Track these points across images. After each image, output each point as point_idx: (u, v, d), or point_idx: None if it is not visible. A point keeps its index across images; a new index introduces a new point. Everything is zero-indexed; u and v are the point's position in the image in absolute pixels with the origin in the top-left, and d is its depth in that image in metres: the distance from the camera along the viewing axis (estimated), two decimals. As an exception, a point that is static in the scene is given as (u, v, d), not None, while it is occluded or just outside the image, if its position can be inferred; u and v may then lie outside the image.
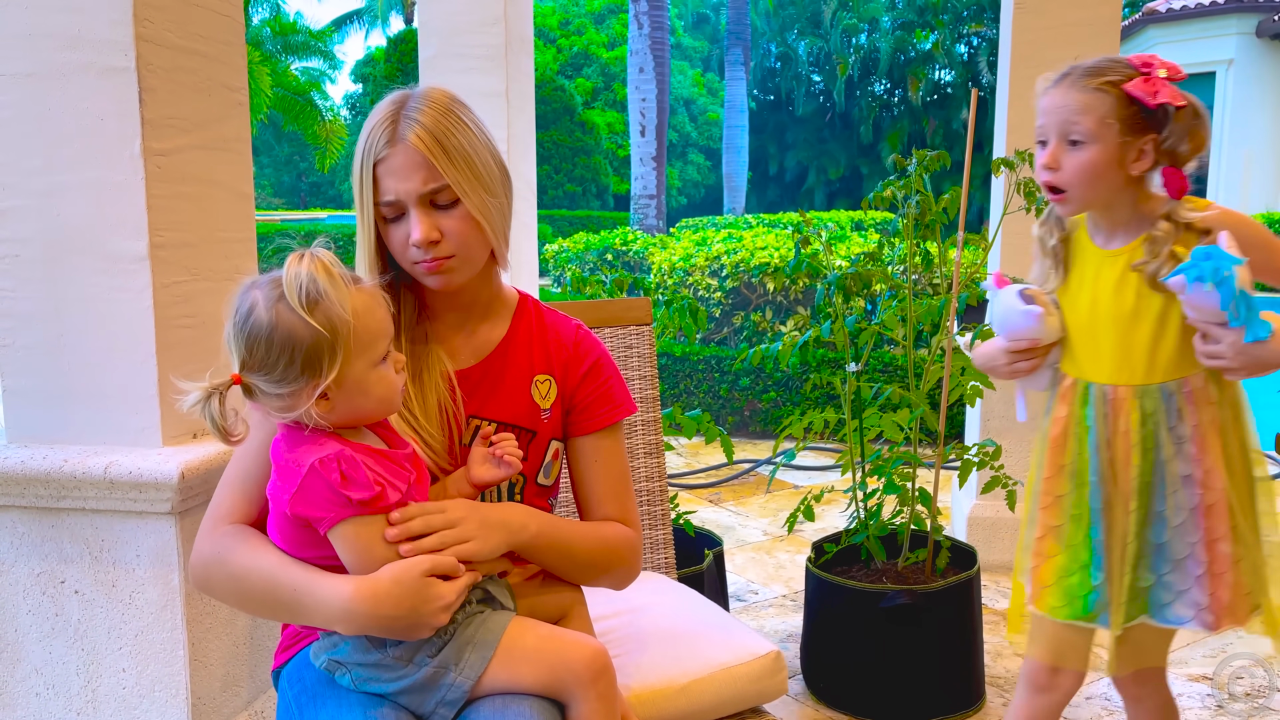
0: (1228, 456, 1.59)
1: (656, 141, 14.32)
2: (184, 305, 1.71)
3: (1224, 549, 1.58)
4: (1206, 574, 1.58)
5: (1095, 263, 1.63)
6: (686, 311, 2.61)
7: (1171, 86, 1.53)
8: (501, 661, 1.16)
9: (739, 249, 5.66)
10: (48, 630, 1.71)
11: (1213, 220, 1.55)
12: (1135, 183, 1.56)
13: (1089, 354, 1.64)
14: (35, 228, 1.66)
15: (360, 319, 1.12)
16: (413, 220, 1.24)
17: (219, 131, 1.80)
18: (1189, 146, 1.53)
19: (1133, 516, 1.60)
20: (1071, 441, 1.67)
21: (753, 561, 3.55)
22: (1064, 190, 1.56)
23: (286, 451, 1.13)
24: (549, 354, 1.40)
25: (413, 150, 1.22)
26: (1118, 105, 1.51)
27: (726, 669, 1.46)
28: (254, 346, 1.10)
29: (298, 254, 1.12)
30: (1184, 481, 1.58)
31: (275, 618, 1.26)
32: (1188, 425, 1.58)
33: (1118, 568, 1.62)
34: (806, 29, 29.66)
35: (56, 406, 1.70)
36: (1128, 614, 1.62)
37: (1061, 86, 1.57)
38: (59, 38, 1.62)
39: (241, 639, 1.81)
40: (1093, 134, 1.52)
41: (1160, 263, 1.53)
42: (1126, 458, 1.60)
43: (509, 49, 3.52)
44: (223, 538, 1.21)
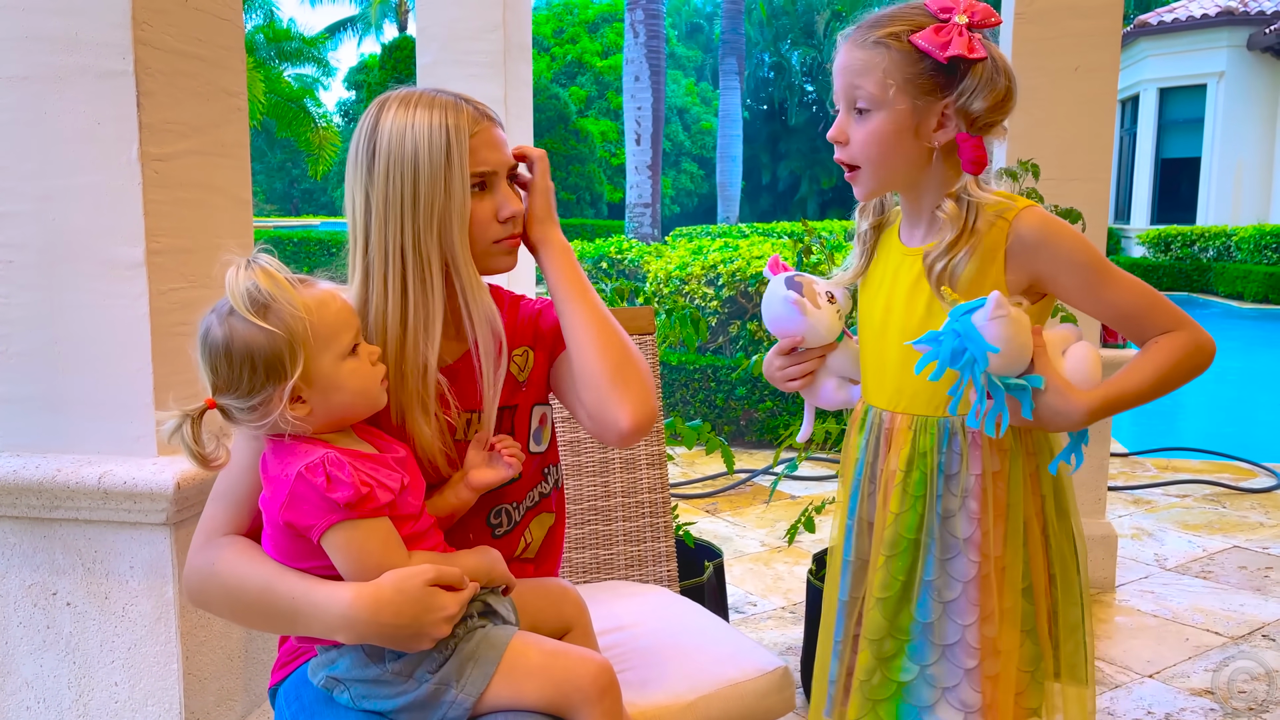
0: (1022, 519, 1.30)
1: (652, 150, 14.33)
2: (181, 312, 1.69)
3: (987, 632, 1.28)
4: (979, 668, 1.28)
5: (896, 260, 1.37)
6: (688, 321, 2.59)
7: (971, 35, 1.23)
8: (504, 677, 1.14)
9: (735, 258, 5.65)
10: (39, 643, 1.68)
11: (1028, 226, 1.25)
12: (943, 158, 1.29)
13: (874, 370, 1.38)
14: (31, 233, 1.63)
15: (315, 314, 1.11)
16: (503, 194, 1.26)
17: (217, 137, 1.78)
18: (984, 104, 1.23)
19: (879, 574, 1.31)
20: (846, 478, 1.41)
21: (751, 573, 3.53)
22: (857, 166, 1.31)
23: (274, 463, 1.13)
24: (519, 325, 1.38)
25: (496, 128, 1.27)
26: (904, 62, 1.24)
27: (734, 685, 1.44)
28: (217, 365, 1.11)
29: (235, 265, 1.11)
30: (962, 546, 1.28)
31: (272, 629, 1.24)
32: (969, 474, 1.29)
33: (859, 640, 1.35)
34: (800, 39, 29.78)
35: (50, 415, 1.67)
36: (862, 706, 1.33)
37: (847, 43, 1.31)
38: (56, 41, 1.59)
39: (236, 653, 1.78)
40: (875, 99, 1.26)
41: (943, 256, 1.26)
42: (886, 502, 1.32)
43: (507, 56, 3.50)
44: (216, 550, 1.19)
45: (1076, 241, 1.28)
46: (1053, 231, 1.27)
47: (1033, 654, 1.32)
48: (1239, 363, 9.80)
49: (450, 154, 1.20)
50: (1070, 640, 1.34)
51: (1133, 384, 1.26)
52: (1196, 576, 3.47)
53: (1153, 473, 4.88)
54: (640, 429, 1.24)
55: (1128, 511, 4.24)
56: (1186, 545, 3.80)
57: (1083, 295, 1.28)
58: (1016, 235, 1.26)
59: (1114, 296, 1.28)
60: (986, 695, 1.29)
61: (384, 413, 1.23)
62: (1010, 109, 1.27)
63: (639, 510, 1.92)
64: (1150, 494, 4.52)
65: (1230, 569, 3.54)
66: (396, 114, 1.22)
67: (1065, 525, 1.35)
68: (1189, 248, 15.72)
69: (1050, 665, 1.34)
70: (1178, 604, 3.21)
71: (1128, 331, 1.31)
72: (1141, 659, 2.79)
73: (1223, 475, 4.79)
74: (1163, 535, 3.92)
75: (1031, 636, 1.32)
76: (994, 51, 1.26)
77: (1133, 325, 1.30)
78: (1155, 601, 3.23)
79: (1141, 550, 3.74)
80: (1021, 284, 1.29)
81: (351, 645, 1.15)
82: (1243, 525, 4.05)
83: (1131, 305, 1.28)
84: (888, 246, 1.40)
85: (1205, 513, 4.23)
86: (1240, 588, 3.35)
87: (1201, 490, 4.57)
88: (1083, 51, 2.98)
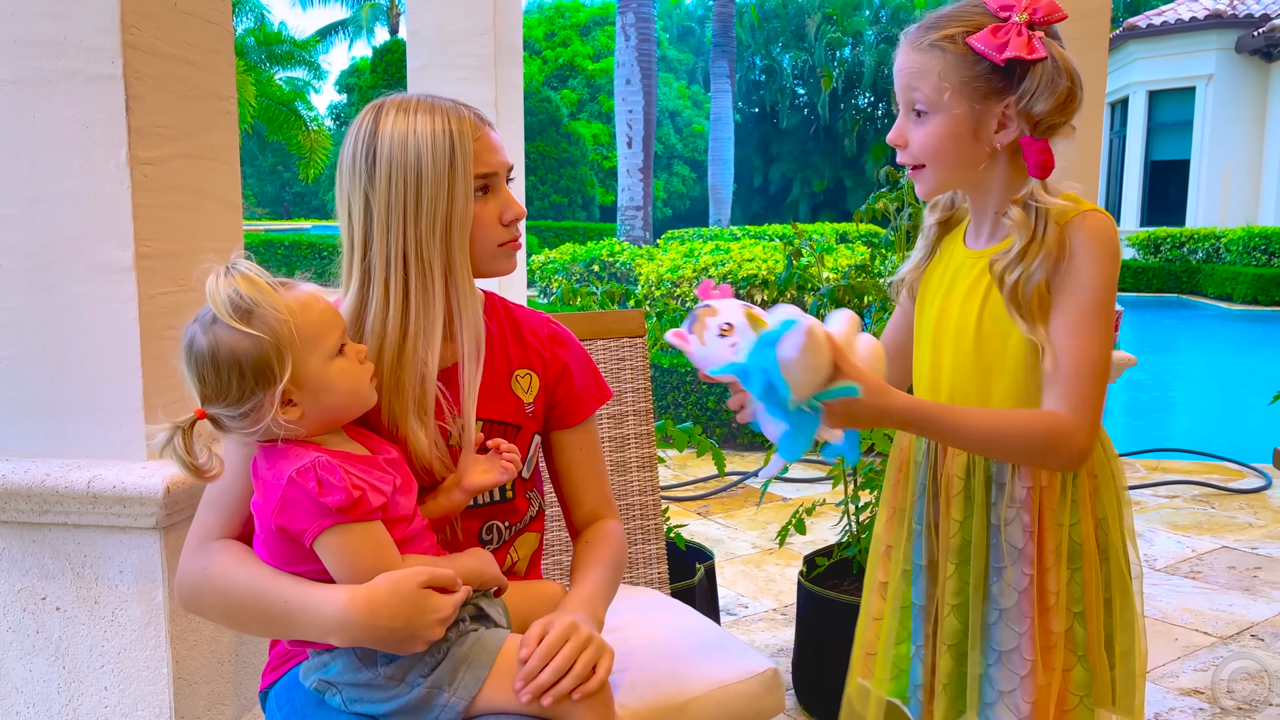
0: (1078, 538, 1.28)
1: (643, 153, 14.35)
2: (170, 316, 1.69)
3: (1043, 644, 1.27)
4: (1031, 675, 1.27)
5: (958, 262, 1.34)
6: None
7: (1029, 35, 1.19)
8: (497, 681, 1.14)
9: (727, 260, 5.66)
10: (28, 648, 1.67)
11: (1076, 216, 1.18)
12: (1008, 159, 1.25)
13: (928, 372, 1.36)
14: (19, 237, 1.63)
15: (299, 315, 1.10)
16: (504, 196, 1.29)
17: (207, 140, 1.77)
18: (1047, 106, 1.19)
19: (950, 582, 1.32)
20: (906, 481, 1.40)
21: (742, 575, 3.53)
22: (920, 165, 1.29)
23: (265, 467, 1.12)
24: (525, 348, 1.39)
25: (494, 131, 1.29)
26: (960, 64, 1.21)
27: (724, 687, 1.44)
28: (204, 374, 1.10)
29: (215, 272, 1.11)
30: (1017, 556, 1.27)
31: (266, 633, 1.23)
32: (1021, 485, 1.27)
33: (937, 645, 1.35)
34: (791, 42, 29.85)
35: (39, 419, 1.66)
36: (948, 708, 1.33)
37: (905, 44, 1.28)
38: (45, 44, 1.59)
39: (226, 656, 1.78)
40: (931, 102, 1.23)
41: (1014, 266, 1.21)
42: (949, 508, 1.32)
43: (498, 60, 3.51)
44: (208, 554, 1.19)
45: (1096, 268, 1.20)
46: (1088, 245, 1.20)
47: (1083, 679, 1.29)
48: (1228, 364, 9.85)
49: (454, 159, 1.21)
50: (1123, 667, 1.32)
51: (962, 419, 1.21)
52: (1185, 577, 3.48)
53: (1142, 473, 4.90)
54: None
55: (1118, 512, 4.25)
56: (1176, 546, 3.82)
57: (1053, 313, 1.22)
58: (1070, 238, 1.21)
59: (1063, 340, 1.21)
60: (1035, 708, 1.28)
61: (374, 413, 1.23)
62: (1075, 109, 1.23)
63: (630, 513, 1.93)
64: (1140, 495, 4.54)
65: (1219, 569, 3.55)
66: (396, 119, 1.22)
67: (1123, 549, 1.32)
68: (1178, 249, 15.80)
69: (1106, 692, 1.30)
70: (1167, 604, 3.22)
71: (1043, 374, 1.23)
72: (1131, 659, 2.80)
73: (1212, 476, 4.81)
74: (1152, 536, 3.94)
75: (1084, 662, 1.29)
76: (1055, 51, 1.21)
77: (1047, 374, 1.23)
78: (1145, 602, 3.24)
79: (1131, 551, 3.75)
80: None
81: (344, 649, 1.15)
82: (1231, 526, 4.07)
83: (1061, 360, 1.20)
84: (952, 246, 1.37)
85: (1194, 513, 4.25)
86: (1229, 588, 3.37)
87: (1190, 491, 4.59)
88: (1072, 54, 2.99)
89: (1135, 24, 18.52)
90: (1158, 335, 11.64)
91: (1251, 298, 13.47)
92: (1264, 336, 11.52)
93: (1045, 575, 1.27)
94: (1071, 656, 1.28)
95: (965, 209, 1.39)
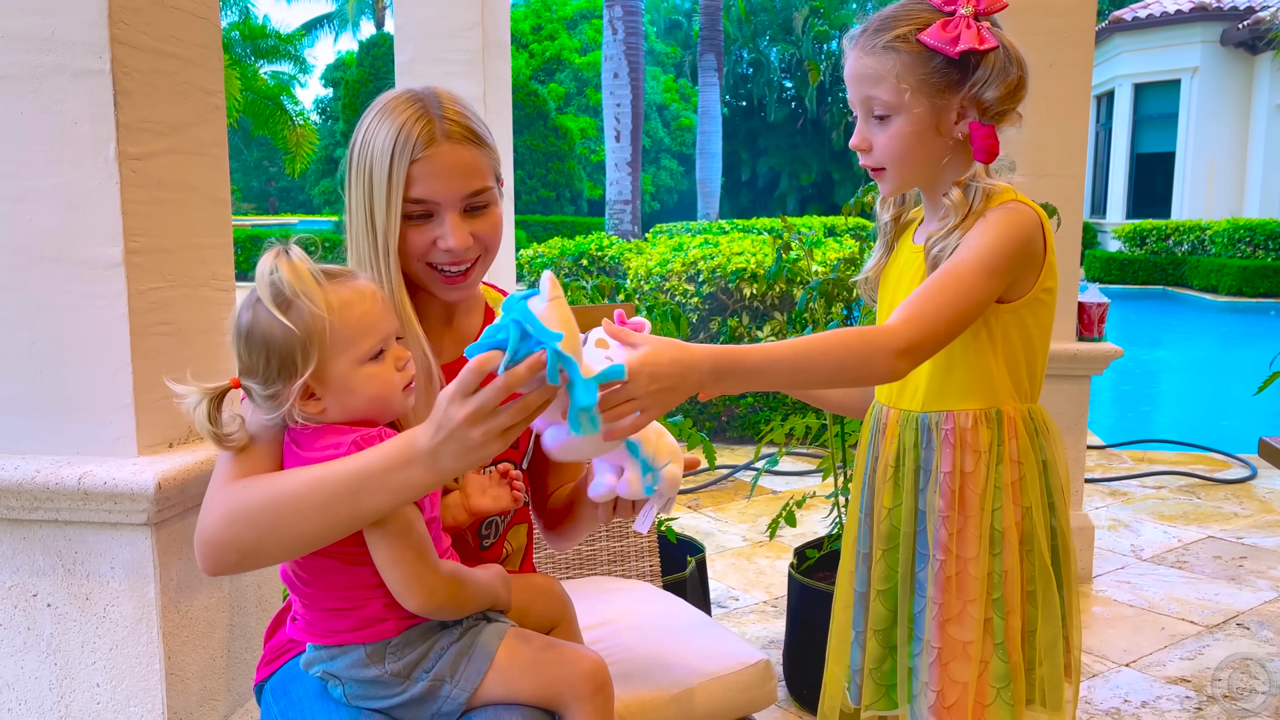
0: (999, 526, 1.27)
1: (631, 147, 14.33)
2: (160, 312, 1.68)
3: (959, 635, 1.26)
4: (936, 663, 1.28)
5: (905, 258, 1.36)
6: (669, 317, 2.60)
7: (978, 27, 1.21)
8: (498, 673, 1.15)
9: (716, 255, 5.66)
10: (19, 645, 1.67)
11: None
12: (959, 149, 1.27)
13: None
14: (6, 233, 1.62)
15: (337, 314, 1.09)
16: (447, 226, 1.21)
17: (195, 136, 1.77)
18: (997, 93, 1.22)
19: (878, 568, 1.32)
20: (858, 470, 1.42)
21: (733, 567, 3.55)
22: (883, 168, 1.30)
23: (311, 441, 1.12)
24: None
25: (458, 151, 1.20)
26: (915, 62, 1.22)
27: (716, 678, 1.45)
28: (239, 349, 1.11)
29: (270, 252, 1.10)
30: (938, 544, 1.28)
31: (324, 521, 1.07)
32: (940, 471, 1.28)
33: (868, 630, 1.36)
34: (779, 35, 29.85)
35: (28, 416, 1.66)
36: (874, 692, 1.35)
37: (854, 49, 1.28)
38: (32, 39, 1.58)
39: (219, 652, 1.78)
40: (891, 104, 1.24)
41: (941, 240, 1.23)
42: (878, 495, 1.34)
43: (486, 54, 3.50)
44: (243, 481, 1.11)
45: (981, 235, 1.21)
46: (985, 220, 1.22)
47: (1000, 672, 1.27)
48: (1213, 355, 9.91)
49: (391, 174, 1.18)
50: (1046, 662, 1.31)
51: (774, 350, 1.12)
52: (1172, 566, 3.51)
53: (1129, 464, 4.94)
54: None
55: (1104, 503, 4.28)
56: (1162, 536, 3.85)
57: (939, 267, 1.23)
58: (986, 214, 1.23)
59: (927, 283, 1.21)
60: (951, 698, 1.27)
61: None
62: (1023, 96, 1.25)
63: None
64: (1126, 485, 4.57)
65: (1205, 559, 3.59)
66: (372, 120, 1.22)
67: (1047, 541, 1.30)
68: (1164, 242, 15.88)
69: (1021, 689, 1.28)
70: (1153, 594, 3.25)
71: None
72: (1118, 648, 2.83)
73: (1198, 467, 4.85)
74: (1139, 526, 3.97)
75: (999, 653, 1.28)
76: (1004, 39, 1.24)
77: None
78: (1131, 591, 3.28)
79: (1118, 541, 3.79)
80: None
81: (354, 645, 1.14)
82: (1217, 516, 4.10)
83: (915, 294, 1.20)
84: (904, 243, 1.39)
85: (1180, 504, 4.28)
86: (1215, 577, 3.40)
87: (1177, 481, 4.62)
88: (1056, 48, 3.01)
89: (1120, 17, 18.59)
90: (1143, 327, 11.71)
91: (1237, 289, 13.55)
92: (1249, 328, 11.59)
93: (968, 562, 1.26)
94: (990, 647, 1.27)
95: (916, 207, 1.41)
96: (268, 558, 1.11)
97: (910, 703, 1.33)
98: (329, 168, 21.98)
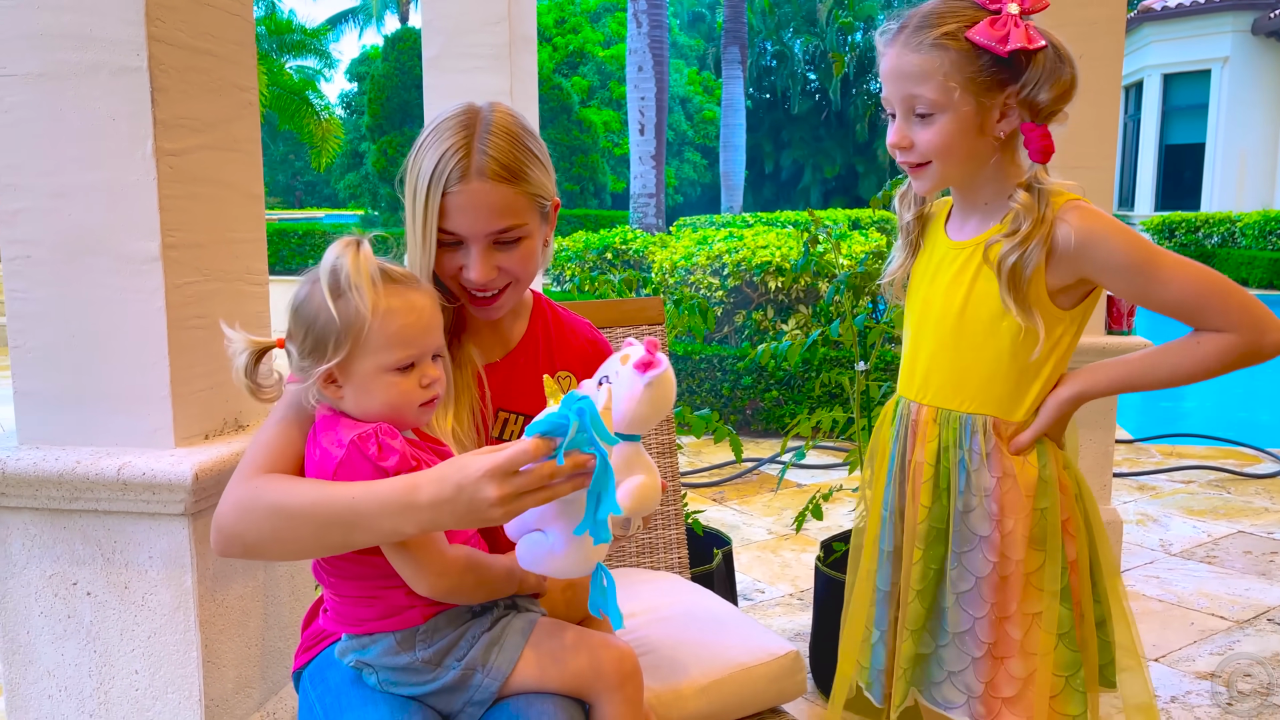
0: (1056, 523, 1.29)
1: (656, 140, 14.31)
2: (195, 306, 1.71)
3: (1013, 633, 1.28)
4: (987, 658, 1.29)
5: (940, 254, 1.36)
6: (696, 311, 2.61)
7: (1026, 25, 1.21)
8: (530, 662, 1.16)
9: (740, 248, 5.65)
10: (60, 632, 1.70)
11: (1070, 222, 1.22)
12: (1000, 149, 1.28)
13: (907, 362, 1.39)
14: (47, 229, 1.65)
15: (381, 319, 1.11)
16: (472, 259, 1.24)
17: (230, 132, 1.79)
18: (1050, 94, 1.22)
19: (917, 568, 1.33)
20: (881, 468, 1.41)
21: (758, 560, 3.55)
22: (924, 163, 1.28)
23: (326, 433, 1.14)
24: (568, 352, 1.42)
25: (489, 190, 1.21)
26: (963, 61, 1.21)
27: (746, 669, 1.46)
28: (290, 315, 1.15)
29: (344, 240, 1.14)
30: (979, 543, 1.29)
31: (318, 543, 1.11)
32: (990, 475, 1.28)
33: (898, 630, 1.36)
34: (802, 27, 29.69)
35: (68, 408, 1.69)
36: (904, 690, 1.35)
37: (894, 46, 1.26)
38: (71, 38, 1.61)
39: (254, 640, 1.80)
40: (938, 103, 1.22)
41: (1017, 249, 1.23)
42: (916, 495, 1.33)
43: (513, 48, 3.51)
44: (259, 478, 1.15)
45: (1117, 243, 1.23)
46: (1092, 233, 1.23)
47: (1067, 660, 1.28)
48: (1244, 349, 9.77)
49: (428, 201, 1.21)
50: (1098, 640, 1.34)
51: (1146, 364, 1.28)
52: (1201, 561, 3.49)
53: (1157, 459, 4.89)
54: None
55: (1133, 498, 4.25)
56: (1191, 531, 3.82)
57: (1130, 295, 1.28)
58: (1058, 234, 1.23)
59: (1161, 296, 1.25)
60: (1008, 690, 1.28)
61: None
62: (1074, 95, 1.24)
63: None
64: (1155, 480, 4.53)
65: (1235, 554, 3.55)
66: (427, 136, 1.25)
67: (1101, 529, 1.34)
68: (1194, 234, 15.68)
69: (1093, 675, 1.31)
70: (1183, 589, 3.23)
71: (1187, 324, 1.28)
72: (1147, 643, 2.81)
73: (1227, 461, 4.80)
74: (1168, 521, 3.94)
75: (1066, 641, 1.29)
76: (1052, 38, 1.23)
77: (1187, 322, 1.27)
78: (1160, 586, 3.25)
79: (1147, 536, 3.76)
80: (1065, 281, 1.26)
81: (383, 634, 1.16)
82: (1247, 510, 4.06)
83: (1178, 304, 1.24)
84: (933, 239, 1.38)
85: (1210, 498, 4.24)
86: (1245, 572, 3.37)
87: (1206, 476, 4.58)
88: (1087, 40, 2.98)
89: (1150, 6, 18.36)
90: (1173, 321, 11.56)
91: (1268, 282, 13.37)
92: (1280, 321, 11.42)
93: (1020, 562, 1.28)
94: (1051, 638, 1.28)
95: (939, 203, 1.40)
96: (270, 556, 1.17)
97: (927, 690, 1.34)
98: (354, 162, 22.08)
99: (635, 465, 1.12)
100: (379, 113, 18.41)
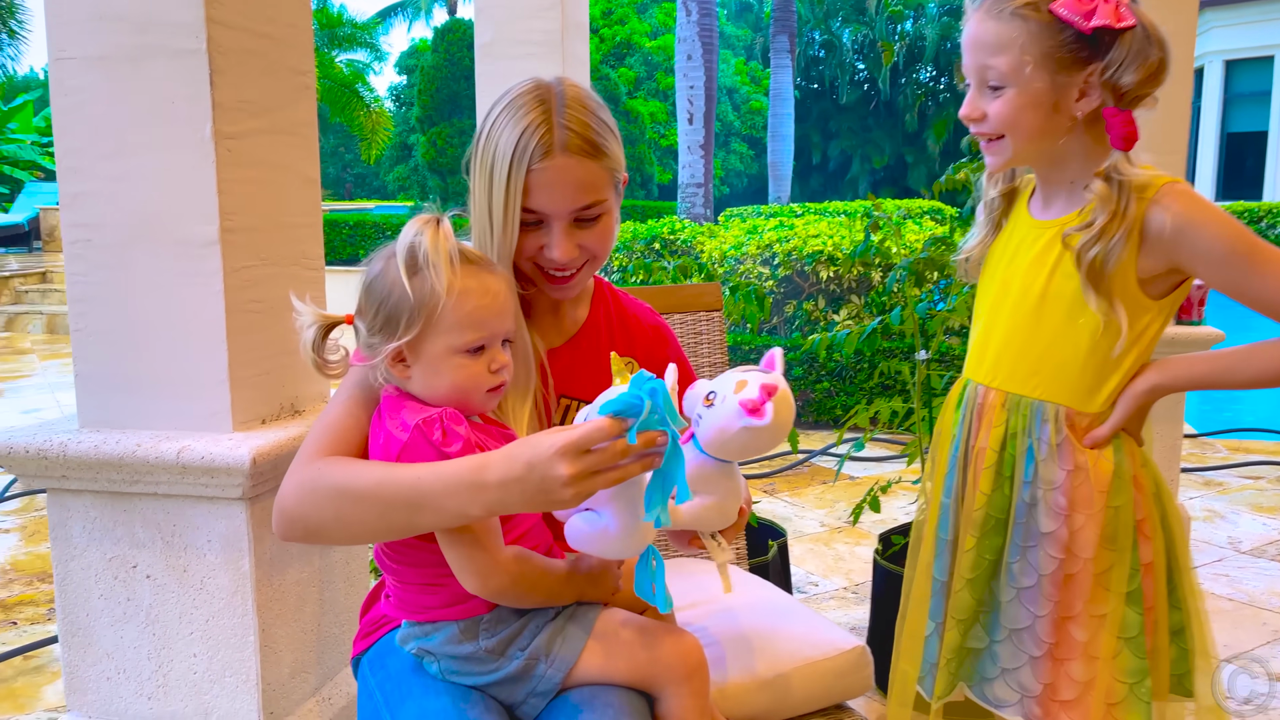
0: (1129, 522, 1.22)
1: (704, 129, 14.22)
2: (253, 290, 1.70)
3: (1077, 635, 1.22)
4: (1046, 658, 1.23)
5: (1022, 233, 1.29)
6: (752, 298, 2.56)
7: (1118, 2, 1.14)
8: (594, 653, 1.13)
9: (791, 237, 5.59)
10: (119, 615, 1.71)
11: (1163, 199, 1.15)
12: (1085, 128, 1.20)
13: (978, 343, 1.33)
14: (107, 212, 1.65)
15: (456, 299, 1.09)
16: (555, 237, 1.21)
17: (287, 115, 1.78)
18: (1135, 78, 1.15)
19: (969, 556, 1.28)
20: (944, 455, 1.36)
21: (811, 553, 3.50)
22: (998, 136, 1.23)
23: (390, 417, 1.12)
24: (631, 337, 1.39)
25: (574, 165, 1.18)
26: (1043, 33, 1.15)
27: (811, 663, 1.42)
28: (361, 291, 1.13)
29: (423, 217, 1.12)
30: (1043, 539, 1.23)
31: (381, 525, 1.09)
32: (1059, 468, 1.22)
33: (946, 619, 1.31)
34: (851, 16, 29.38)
35: (128, 391, 1.69)
36: (948, 684, 1.30)
37: (977, 14, 1.20)
38: (130, 20, 1.60)
39: (310, 626, 1.80)
40: (1010, 75, 1.17)
41: (1095, 242, 1.17)
42: (976, 481, 1.28)
43: (566, 35, 3.49)
44: (322, 460, 1.13)
45: (1217, 231, 1.16)
46: (1190, 221, 1.16)
47: (1132, 667, 1.22)
48: (1310, 342, 9.49)
49: (510, 180, 1.18)
50: (1174, 647, 1.27)
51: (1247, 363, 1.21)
52: (1273, 559, 3.37)
53: (1224, 454, 4.76)
54: None
55: (1199, 494, 4.14)
56: (1261, 528, 3.70)
57: (1224, 287, 1.20)
58: (1152, 220, 1.17)
59: (1259, 291, 1.17)
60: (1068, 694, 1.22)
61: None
62: (1163, 80, 1.17)
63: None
64: (1222, 476, 4.40)
65: (1308, 552, 3.44)
66: (500, 112, 1.21)
67: (1178, 528, 1.28)
68: (1256, 224, 15.25)
69: (1163, 684, 1.24)
70: (1253, 587, 3.12)
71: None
72: (1218, 643, 2.72)
73: (1297, 457, 4.66)
74: (1236, 517, 3.82)
75: (1132, 646, 1.22)
76: (1143, 18, 1.16)
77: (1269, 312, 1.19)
78: (1230, 585, 3.15)
79: (1215, 533, 3.65)
80: (1157, 269, 1.20)
81: (446, 622, 1.14)
82: (1320, 507, 3.93)
83: (1277, 301, 1.16)
84: (1016, 217, 1.32)
85: (1279, 494, 4.11)
86: (1319, 571, 3.26)
87: (1275, 471, 4.45)
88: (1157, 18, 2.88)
89: (1212, -9, 17.89)
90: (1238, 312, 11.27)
91: (1334, 274, 12.99)
92: (1348, 314, 11.08)
93: (1089, 561, 1.21)
94: (1116, 642, 1.21)
95: (1025, 180, 1.34)
96: (332, 539, 1.14)
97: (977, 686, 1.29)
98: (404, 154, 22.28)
99: (717, 486, 1.11)
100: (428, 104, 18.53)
